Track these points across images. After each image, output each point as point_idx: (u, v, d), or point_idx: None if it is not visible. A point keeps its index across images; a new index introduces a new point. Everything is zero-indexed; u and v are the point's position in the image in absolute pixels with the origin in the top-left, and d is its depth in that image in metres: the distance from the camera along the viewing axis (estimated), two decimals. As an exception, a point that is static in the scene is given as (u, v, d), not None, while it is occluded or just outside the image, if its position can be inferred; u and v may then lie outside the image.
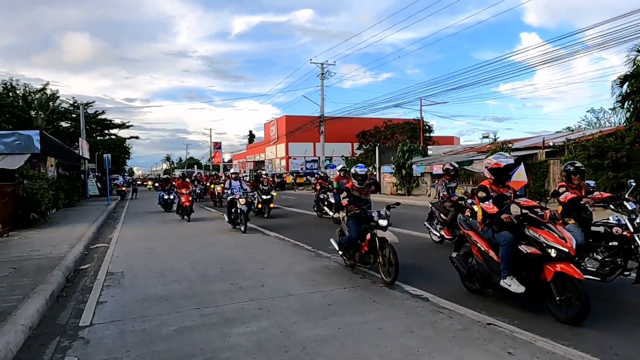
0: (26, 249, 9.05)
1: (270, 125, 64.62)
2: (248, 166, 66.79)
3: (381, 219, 6.28)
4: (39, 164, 19.04)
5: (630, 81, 21.57)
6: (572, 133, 25.46)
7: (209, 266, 7.58)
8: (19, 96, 34.02)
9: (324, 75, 37.70)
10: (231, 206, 12.12)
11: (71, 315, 5.14)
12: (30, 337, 4.44)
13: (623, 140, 15.62)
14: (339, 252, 7.10)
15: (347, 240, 6.80)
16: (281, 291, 5.86)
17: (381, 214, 6.37)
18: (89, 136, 37.71)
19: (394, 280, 5.98)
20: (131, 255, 8.93)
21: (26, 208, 13.16)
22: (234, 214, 12.05)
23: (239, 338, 4.24)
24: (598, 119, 40.12)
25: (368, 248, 6.42)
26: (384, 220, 6.27)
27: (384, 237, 6.17)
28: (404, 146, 29.06)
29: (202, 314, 5.00)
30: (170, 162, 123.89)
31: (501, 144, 20.75)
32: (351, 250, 6.90)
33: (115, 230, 13.26)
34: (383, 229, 6.23)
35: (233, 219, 12.10)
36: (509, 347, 3.85)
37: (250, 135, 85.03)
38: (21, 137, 17.64)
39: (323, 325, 4.54)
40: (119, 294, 6.00)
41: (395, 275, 5.95)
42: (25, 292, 5.61)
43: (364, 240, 6.47)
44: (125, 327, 4.63)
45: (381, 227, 6.23)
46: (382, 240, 6.19)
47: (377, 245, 6.25)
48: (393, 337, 4.15)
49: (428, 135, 43.79)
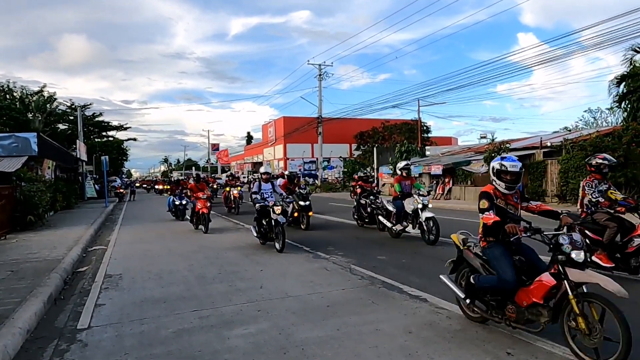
0: (24, 252, 9.02)
1: (268, 126, 64.61)
2: (246, 167, 66.71)
3: (575, 248, 3.62)
4: (36, 167, 18.99)
5: (627, 81, 21.65)
6: (569, 133, 25.51)
7: (206, 268, 7.56)
8: (16, 98, 33.94)
9: (322, 76, 37.75)
10: (262, 216, 9.42)
11: (69, 318, 5.13)
12: (28, 340, 4.42)
13: (620, 140, 15.67)
14: (465, 300, 4.44)
15: (493, 284, 4.12)
16: (280, 292, 5.85)
17: (574, 239, 3.67)
18: (87, 138, 37.64)
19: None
20: (129, 257, 8.91)
21: (23, 211, 13.11)
22: (265, 226, 9.36)
23: (237, 340, 4.23)
24: (595, 118, 40.28)
25: (542, 300, 3.74)
26: (580, 252, 3.62)
27: (585, 282, 3.57)
28: (401, 147, 29.17)
29: (201, 316, 4.99)
30: (168, 163, 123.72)
31: (499, 144, 20.80)
32: (495, 300, 4.20)
33: (113, 232, 13.23)
34: (580, 266, 3.62)
35: (264, 233, 9.45)
36: (508, 347, 3.85)
37: (248, 137, 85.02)
38: (18, 140, 17.58)
39: (322, 326, 4.53)
40: (117, 296, 5.98)
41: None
42: (23, 295, 5.58)
43: (524, 285, 3.90)
44: (123, 330, 4.61)
45: (576, 262, 3.61)
46: (581, 291, 3.58)
47: (572, 298, 3.53)
48: (392, 338, 4.15)
49: (426, 135, 43.89)
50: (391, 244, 9.85)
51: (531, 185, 19.25)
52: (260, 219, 9.51)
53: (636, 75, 21.01)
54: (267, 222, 9.31)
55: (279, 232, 8.92)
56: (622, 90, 22.14)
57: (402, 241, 10.10)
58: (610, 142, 15.82)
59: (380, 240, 10.38)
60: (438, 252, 8.57)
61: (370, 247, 9.43)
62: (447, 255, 5.90)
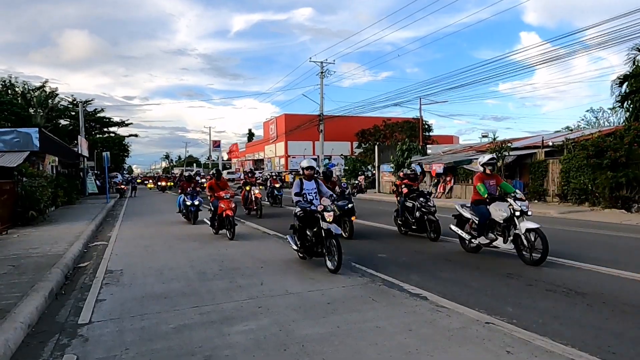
0: (25, 247, 9.05)
1: (269, 123, 64.61)
2: (247, 164, 66.74)
3: None
4: (38, 162, 19.02)
5: (629, 81, 21.62)
6: (571, 132, 25.50)
7: (207, 264, 7.57)
8: (18, 94, 33.99)
9: (324, 73, 37.67)
10: (305, 224, 7.22)
11: (70, 313, 5.14)
12: (29, 335, 4.44)
13: (622, 140, 15.65)
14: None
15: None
16: (280, 289, 5.86)
17: None
18: (88, 134, 37.67)
19: None
20: (130, 253, 8.92)
21: (25, 206, 13.15)
22: (311, 237, 7.07)
23: (237, 336, 4.24)
24: (597, 118, 40.29)
25: None
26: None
27: None
28: (403, 145, 29.10)
29: (201, 312, 5.00)
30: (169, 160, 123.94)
31: (500, 143, 20.77)
32: None
33: (114, 228, 13.25)
34: None
35: (309, 246, 7.14)
36: (508, 345, 3.86)
37: (250, 134, 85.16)
38: (20, 135, 17.64)
39: (322, 323, 4.54)
40: (118, 291, 5.99)
41: None
42: (24, 289, 5.60)
43: None
44: (124, 325, 4.63)
45: None
46: None
47: None
48: (392, 336, 4.15)
49: (427, 134, 43.87)
50: (392, 242, 9.85)
51: (532, 184, 19.25)
52: (304, 228, 7.27)
53: (639, 75, 20.97)
54: (314, 233, 7.06)
55: (331, 245, 6.78)
56: (625, 90, 22.11)
57: (402, 239, 10.10)
58: (612, 142, 15.80)
59: (381, 238, 10.39)
60: (439, 251, 8.58)
61: (371, 245, 9.44)
62: (449, 254, 5.91)
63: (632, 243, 9.45)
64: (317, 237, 6.98)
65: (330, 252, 6.80)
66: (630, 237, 10.19)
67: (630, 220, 13.03)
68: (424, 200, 9.89)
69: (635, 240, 9.80)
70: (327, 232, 6.75)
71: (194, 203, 13.62)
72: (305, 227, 7.26)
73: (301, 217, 7.30)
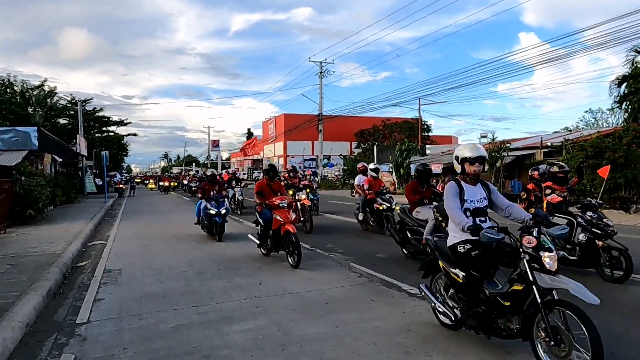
0: (23, 246, 9.03)
1: (268, 123, 64.61)
2: (246, 164, 66.69)
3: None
4: (36, 161, 18.99)
5: (628, 82, 21.66)
6: (570, 133, 25.52)
7: (206, 264, 7.57)
8: (17, 92, 33.89)
9: (323, 73, 37.71)
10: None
11: (68, 312, 5.14)
12: (27, 334, 4.43)
13: (621, 141, 15.67)
14: None
15: None
16: (279, 289, 5.86)
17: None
18: (87, 133, 37.60)
19: None
20: (129, 252, 8.91)
21: (23, 205, 13.11)
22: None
23: (236, 336, 4.23)
24: (596, 119, 40.35)
25: None
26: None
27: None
28: (402, 145, 29.13)
29: (200, 311, 5.00)
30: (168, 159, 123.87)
31: (499, 143, 20.78)
32: None
33: (112, 227, 13.23)
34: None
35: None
36: (506, 347, 3.86)
37: (249, 133, 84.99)
38: (19, 134, 17.64)
39: (320, 323, 4.54)
40: (116, 291, 5.99)
41: None
42: (22, 288, 5.59)
43: None
44: (122, 325, 4.62)
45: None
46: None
47: None
48: (390, 336, 4.16)
49: (426, 134, 43.89)
50: (391, 242, 9.84)
51: (531, 185, 19.24)
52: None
53: (637, 76, 21.03)
54: None
55: None
56: (623, 91, 22.16)
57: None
58: (611, 143, 15.82)
59: (379, 238, 10.39)
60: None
61: (370, 245, 9.44)
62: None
63: (630, 244, 9.44)
64: None
65: None
66: (629, 237, 10.19)
67: (629, 220, 13.06)
68: (595, 216, 6.26)
69: (634, 241, 9.80)
70: None
71: (220, 212, 9.93)
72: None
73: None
